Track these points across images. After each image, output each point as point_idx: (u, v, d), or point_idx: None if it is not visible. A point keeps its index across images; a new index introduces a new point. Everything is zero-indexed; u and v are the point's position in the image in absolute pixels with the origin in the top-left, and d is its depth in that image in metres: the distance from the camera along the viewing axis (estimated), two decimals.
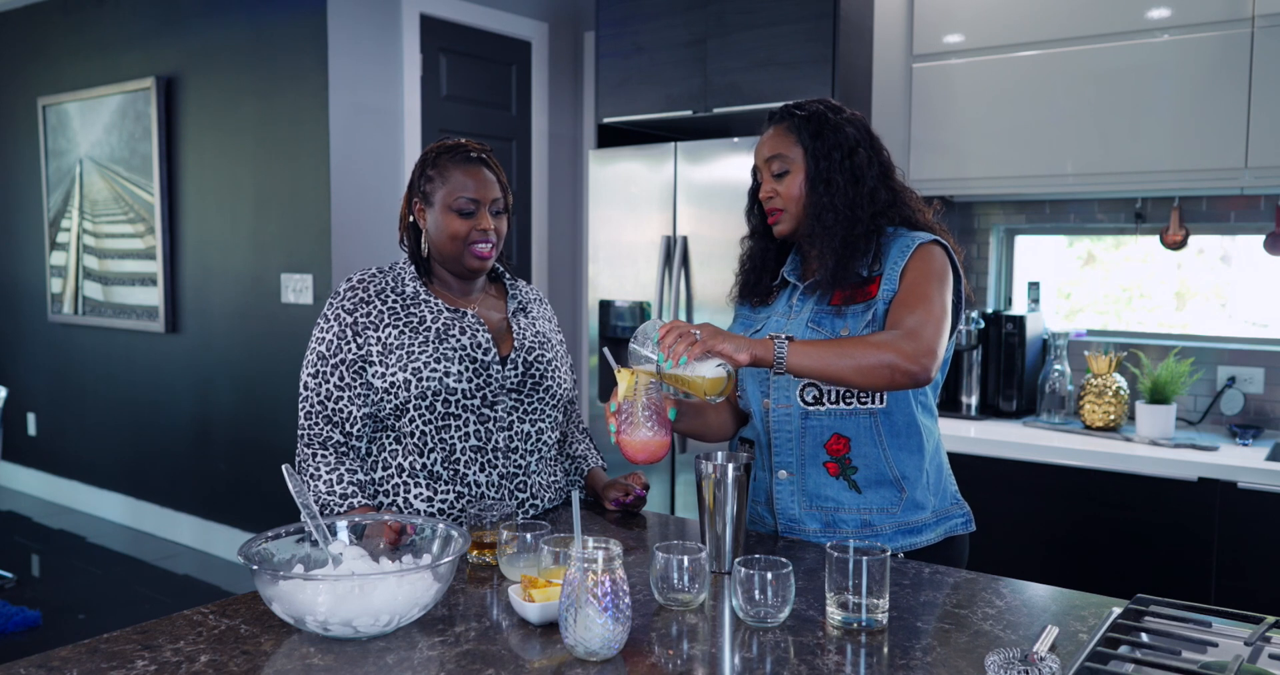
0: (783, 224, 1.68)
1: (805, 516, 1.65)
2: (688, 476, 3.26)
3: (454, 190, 1.68)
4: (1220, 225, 2.89)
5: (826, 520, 1.64)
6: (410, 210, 1.74)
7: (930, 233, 1.66)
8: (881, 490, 1.63)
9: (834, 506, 1.63)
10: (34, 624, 3.42)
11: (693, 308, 3.21)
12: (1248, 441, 2.63)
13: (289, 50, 3.78)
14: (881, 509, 1.63)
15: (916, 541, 1.64)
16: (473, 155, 1.71)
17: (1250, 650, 1.10)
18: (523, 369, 1.72)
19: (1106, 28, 2.69)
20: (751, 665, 1.15)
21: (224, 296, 4.18)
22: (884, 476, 1.62)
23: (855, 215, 1.61)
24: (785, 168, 1.65)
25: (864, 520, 1.62)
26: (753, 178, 1.75)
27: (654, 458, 1.51)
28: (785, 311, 1.70)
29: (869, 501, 1.63)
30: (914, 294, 1.56)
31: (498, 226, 1.71)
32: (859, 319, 1.61)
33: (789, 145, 1.65)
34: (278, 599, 1.19)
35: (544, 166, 4.45)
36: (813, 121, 1.65)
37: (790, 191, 1.65)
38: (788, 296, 1.72)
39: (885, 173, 1.67)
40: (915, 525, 1.64)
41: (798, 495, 1.65)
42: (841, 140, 1.63)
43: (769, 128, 1.70)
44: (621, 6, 3.40)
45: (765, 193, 1.68)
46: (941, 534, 1.67)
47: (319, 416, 1.65)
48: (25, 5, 5.07)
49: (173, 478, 4.53)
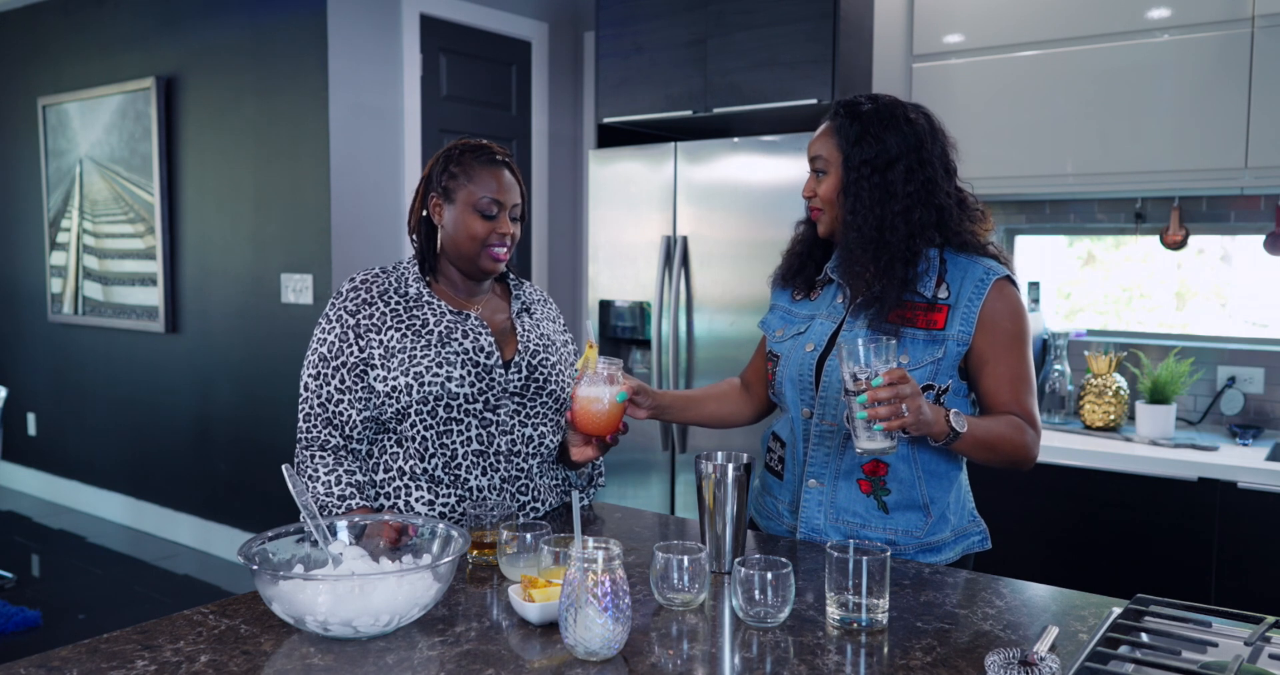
0: (822, 224, 1.64)
1: (829, 528, 1.63)
2: (688, 476, 3.26)
3: (478, 190, 1.66)
4: (1220, 225, 2.89)
5: (850, 534, 1.61)
6: (425, 204, 1.73)
7: (995, 259, 1.61)
8: (909, 514, 1.61)
9: (860, 523, 1.61)
10: (34, 624, 3.42)
11: (693, 308, 3.21)
12: (1248, 441, 2.63)
13: (289, 50, 3.78)
14: (906, 531, 1.61)
15: (935, 560, 1.62)
16: (498, 158, 1.70)
17: (1250, 650, 1.10)
18: (526, 373, 1.71)
19: (1106, 28, 2.69)
20: (751, 665, 1.15)
21: (224, 296, 4.18)
22: (914, 501, 1.60)
23: (883, 238, 1.54)
24: (824, 168, 1.61)
25: (889, 539, 1.60)
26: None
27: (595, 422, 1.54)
28: (833, 314, 1.65)
29: (895, 523, 1.61)
30: (1023, 367, 1.57)
31: (514, 232, 1.71)
32: (923, 353, 1.56)
33: (830, 146, 1.60)
34: (278, 599, 1.19)
35: (544, 166, 4.45)
36: (857, 124, 1.57)
37: (827, 194, 1.61)
38: (831, 297, 1.68)
39: (929, 189, 1.56)
40: (936, 544, 1.62)
41: (825, 506, 1.63)
42: (880, 151, 1.55)
43: (827, 121, 1.64)
44: (621, 6, 3.39)
45: (806, 191, 1.64)
46: (959, 552, 1.65)
47: (319, 418, 1.65)
48: (25, 5, 5.07)
49: (173, 478, 4.52)
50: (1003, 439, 1.52)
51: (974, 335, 1.55)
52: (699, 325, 3.21)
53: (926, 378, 1.56)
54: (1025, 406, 1.57)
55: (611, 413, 1.54)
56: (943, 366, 1.56)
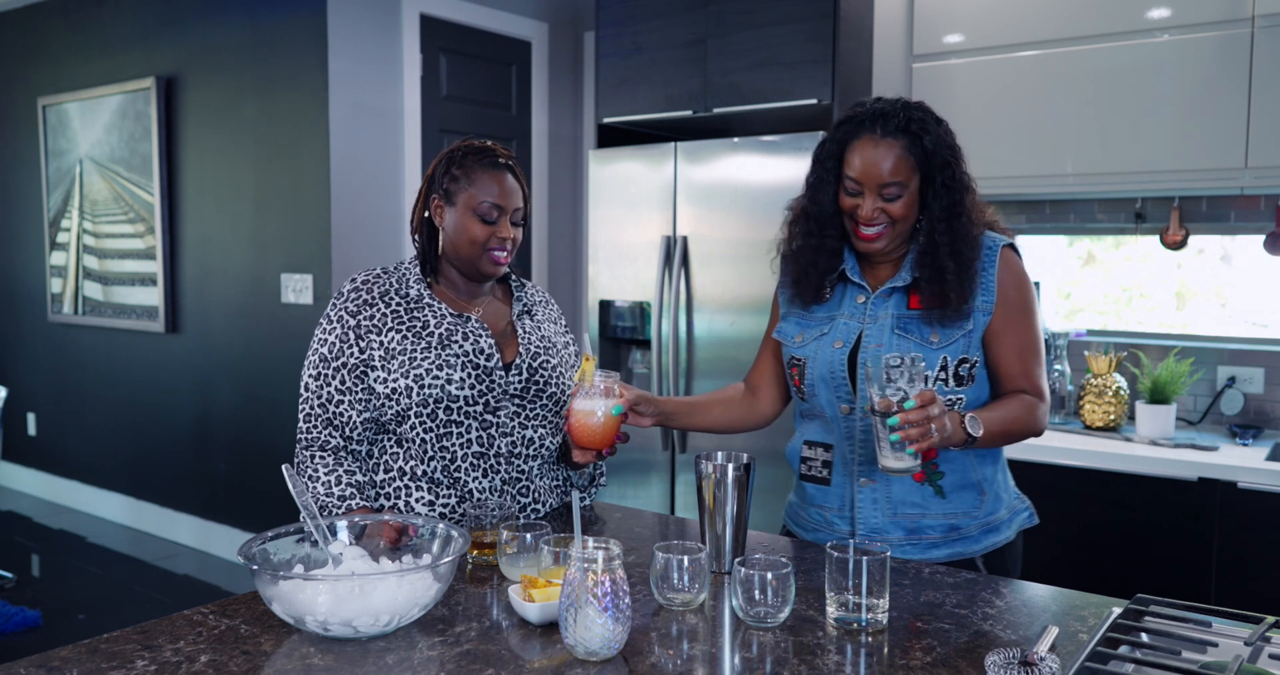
0: (880, 242, 1.58)
1: (889, 525, 1.62)
2: (688, 476, 3.26)
3: (479, 194, 1.65)
4: (1220, 225, 2.89)
5: (911, 527, 1.61)
6: (427, 206, 1.72)
7: (992, 229, 1.62)
8: (965, 494, 1.62)
9: (919, 513, 1.61)
10: (34, 624, 3.42)
11: (693, 308, 3.21)
12: (1248, 441, 2.63)
13: (289, 50, 3.78)
14: (965, 512, 1.61)
15: (998, 540, 1.64)
16: (501, 161, 1.69)
17: (1250, 650, 1.10)
18: (526, 375, 1.71)
19: (1106, 28, 2.69)
20: (751, 665, 1.15)
21: (224, 296, 4.18)
22: (968, 480, 1.62)
23: (966, 230, 1.56)
24: (900, 192, 1.55)
25: (950, 525, 1.61)
26: (832, 179, 1.61)
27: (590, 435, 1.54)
28: (855, 313, 1.64)
29: (954, 506, 1.61)
30: (1031, 337, 1.58)
31: (515, 235, 1.70)
32: (952, 329, 1.57)
33: (905, 168, 1.54)
34: (278, 599, 1.19)
35: (544, 166, 4.45)
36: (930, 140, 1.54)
37: (904, 211, 1.56)
38: (849, 297, 1.67)
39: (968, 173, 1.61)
40: (995, 523, 1.64)
41: (881, 503, 1.62)
42: (952, 159, 1.56)
43: (883, 139, 1.54)
44: (621, 6, 3.39)
45: (869, 212, 1.55)
46: (1016, 529, 1.68)
47: (319, 419, 1.65)
48: (25, 5, 5.07)
49: (173, 478, 4.53)
50: (1015, 423, 1.54)
51: (995, 305, 1.57)
52: (699, 325, 3.21)
53: (960, 352, 1.57)
54: (1034, 379, 1.59)
55: (607, 426, 1.54)
56: (973, 338, 1.58)
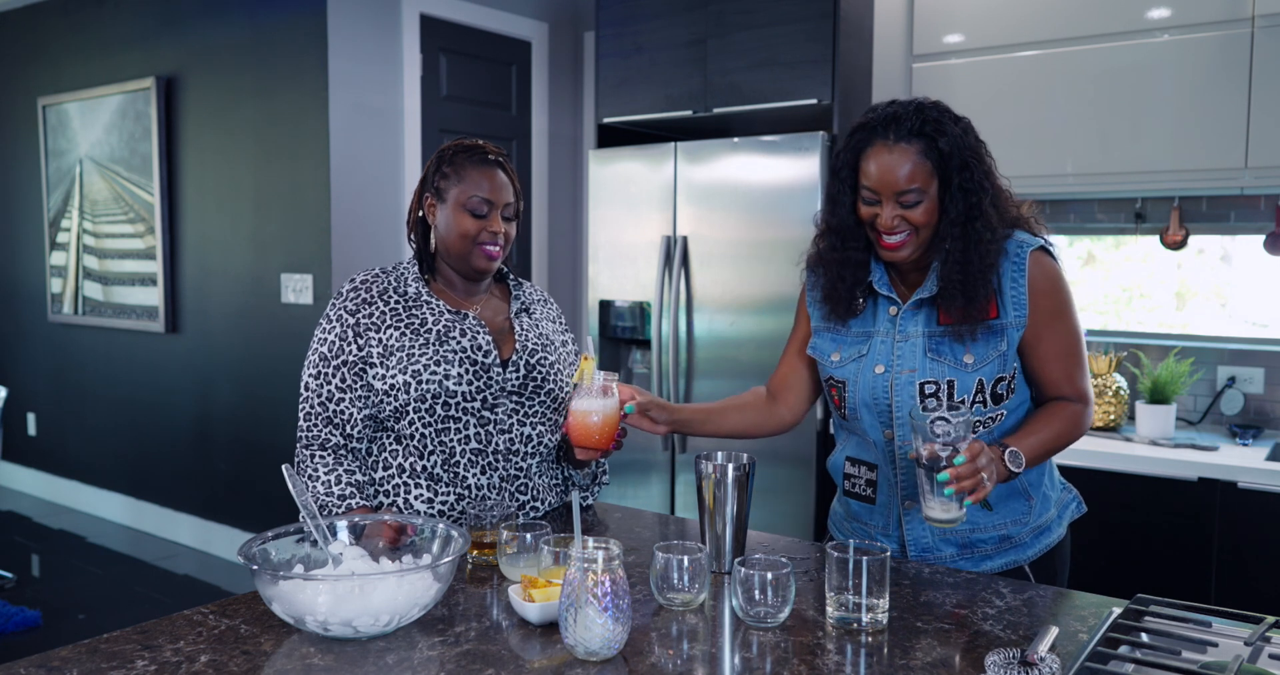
0: (904, 250, 1.52)
1: (940, 544, 1.60)
2: (688, 476, 3.26)
3: (468, 189, 1.68)
4: (1220, 225, 2.89)
5: (963, 543, 1.59)
6: (421, 205, 1.75)
7: (1026, 229, 1.56)
8: (1012, 503, 1.59)
9: (969, 529, 1.58)
10: (34, 624, 3.42)
11: (693, 308, 3.21)
12: (1248, 441, 2.63)
13: (289, 50, 3.78)
14: (1015, 520, 1.59)
15: (1050, 540, 1.62)
16: (490, 158, 1.72)
17: (1250, 650, 1.10)
18: (524, 371, 1.71)
19: (1106, 28, 2.69)
20: (751, 665, 1.15)
21: (224, 296, 4.18)
22: (1014, 489, 1.59)
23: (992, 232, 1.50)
24: (920, 198, 1.49)
25: (1001, 535, 1.59)
26: (849, 190, 1.55)
27: (589, 434, 1.53)
28: (888, 331, 1.59)
29: (1003, 516, 1.59)
30: (1070, 340, 1.54)
31: (507, 230, 1.72)
32: (986, 348, 1.52)
33: (924, 173, 1.48)
34: (278, 599, 1.19)
35: (544, 166, 4.45)
36: (946, 142, 1.48)
37: (926, 217, 1.50)
38: (884, 309, 1.61)
39: (993, 172, 1.53)
40: (1046, 524, 1.62)
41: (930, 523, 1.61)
42: (971, 160, 1.49)
43: (897, 144, 1.48)
44: (621, 6, 3.39)
45: (888, 221, 1.49)
46: (1065, 523, 1.66)
47: (319, 417, 1.66)
48: (25, 5, 5.06)
49: (173, 478, 4.52)
50: (1057, 441, 1.52)
51: (1027, 317, 1.52)
52: (699, 325, 3.21)
53: (996, 371, 1.52)
54: (1077, 384, 1.55)
55: (605, 426, 1.54)
56: (1009, 356, 1.53)
